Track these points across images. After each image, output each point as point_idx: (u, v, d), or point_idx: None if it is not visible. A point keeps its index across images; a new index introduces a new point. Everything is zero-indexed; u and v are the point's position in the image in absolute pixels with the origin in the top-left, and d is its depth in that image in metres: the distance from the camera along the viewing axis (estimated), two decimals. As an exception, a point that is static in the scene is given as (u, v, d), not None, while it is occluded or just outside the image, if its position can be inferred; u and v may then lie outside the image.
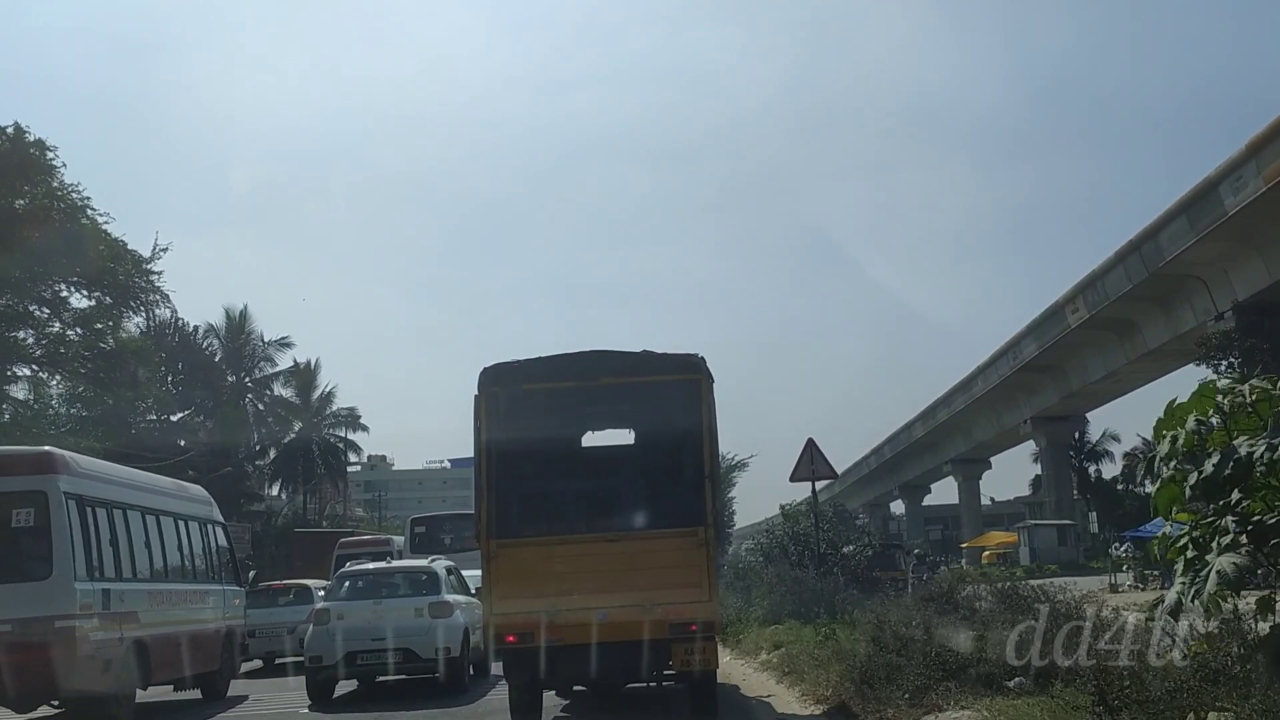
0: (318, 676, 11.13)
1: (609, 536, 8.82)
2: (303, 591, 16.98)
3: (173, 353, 39.46)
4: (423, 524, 23.22)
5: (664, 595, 8.42)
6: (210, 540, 12.86)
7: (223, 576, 13.14)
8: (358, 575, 12.54)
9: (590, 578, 8.50)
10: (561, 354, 9.19)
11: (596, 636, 8.20)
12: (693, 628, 8.41)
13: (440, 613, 11.45)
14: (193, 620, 11.81)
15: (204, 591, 12.47)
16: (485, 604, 8.69)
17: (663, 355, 9.17)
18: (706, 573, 8.61)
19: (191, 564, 12.21)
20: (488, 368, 9.00)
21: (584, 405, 9.82)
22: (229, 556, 13.58)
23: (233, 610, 13.24)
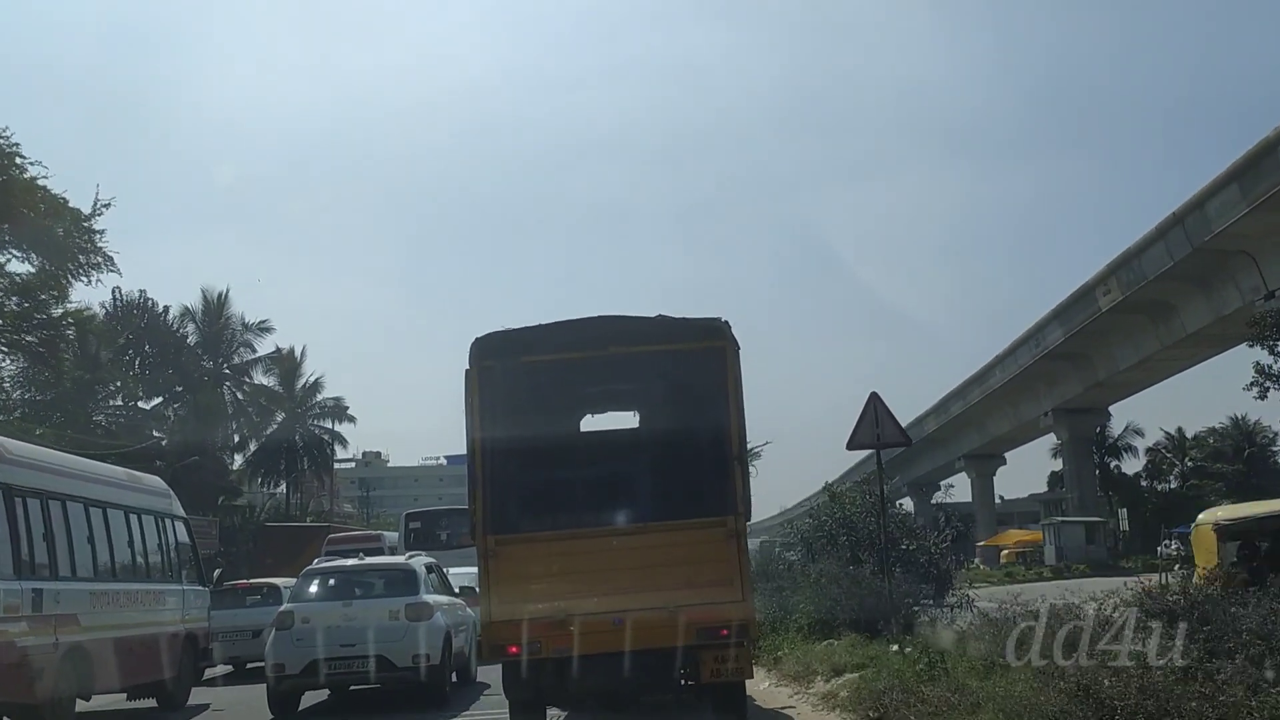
0: (280, 687, 10.45)
1: (624, 529, 7.98)
2: (273, 591, 16.40)
3: (140, 334, 38.24)
4: (418, 519, 22.82)
5: (690, 595, 7.56)
6: (168, 536, 12.21)
7: (182, 575, 12.48)
8: (326, 574, 11.73)
9: (604, 577, 7.65)
10: (566, 320, 8.22)
11: (613, 645, 7.42)
12: (724, 632, 7.55)
13: (418, 615, 10.69)
14: (145, 623, 11.08)
15: (159, 592, 11.73)
16: (483, 609, 7.80)
17: (682, 320, 8.19)
18: (739, 568, 7.75)
19: (145, 562, 11.51)
20: (480, 338, 8.06)
21: (592, 379, 8.91)
22: (190, 554, 12.96)
23: (194, 612, 12.57)
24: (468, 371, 8.02)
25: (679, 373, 8.57)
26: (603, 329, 8.18)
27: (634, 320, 8.24)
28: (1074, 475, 40.83)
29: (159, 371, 39.05)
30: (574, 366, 8.48)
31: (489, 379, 8.06)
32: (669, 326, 8.18)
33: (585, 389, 9.19)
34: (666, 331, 8.17)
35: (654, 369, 8.67)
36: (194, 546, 13.13)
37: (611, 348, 8.19)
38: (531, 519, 8.54)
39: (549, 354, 8.27)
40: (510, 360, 8.14)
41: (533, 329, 8.18)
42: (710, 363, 8.11)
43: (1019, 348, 37.48)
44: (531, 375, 8.44)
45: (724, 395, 7.98)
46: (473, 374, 7.99)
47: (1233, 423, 54.48)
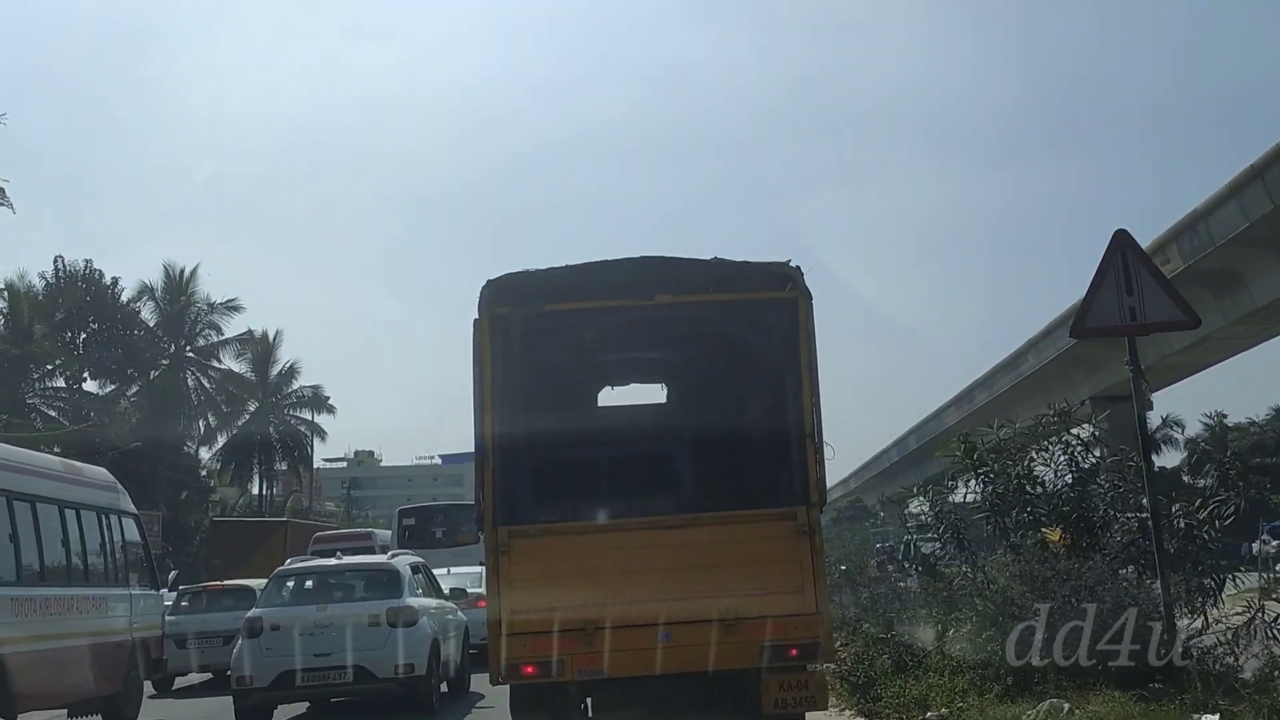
0: (248, 701, 10.07)
1: (670, 522, 6.85)
2: (246, 594, 15.80)
3: (84, 308, 36.16)
4: (412, 516, 22.68)
5: (750, 604, 6.49)
6: (113, 534, 11.65)
7: (130, 578, 11.98)
8: (300, 575, 11.25)
9: (644, 581, 6.55)
10: (600, 261, 6.97)
11: (654, 666, 6.47)
12: (793, 651, 6.48)
13: (401, 620, 10.19)
14: (83, 632, 10.48)
15: (101, 597, 11.13)
16: (491, 619, 6.63)
17: (745, 264, 6.99)
18: (812, 571, 6.63)
19: (84, 563, 11.03)
20: (494, 279, 6.84)
21: (630, 335, 7.77)
22: (141, 554, 12.57)
23: (145, 618, 12.14)
24: (477, 321, 6.83)
25: (740, 329, 7.48)
26: (646, 272, 6.98)
27: (685, 263, 7.01)
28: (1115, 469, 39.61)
29: (107, 351, 37.00)
30: (609, 319, 7.34)
31: (503, 331, 6.88)
32: (729, 271, 7.00)
33: (622, 347, 8.04)
34: (726, 277, 7.01)
35: (708, 323, 7.54)
36: (146, 546, 12.77)
37: (657, 296, 7.00)
38: (553, 507, 7.59)
39: (579, 301, 7.07)
40: (530, 308, 6.93)
41: (559, 270, 6.95)
42: (779, 317, 7.03)
43: (1056, 329, 36.04)
44: (556, 329, 7.29)
45: (794, 357, 6.90)
46: (483, 324, 6.80)
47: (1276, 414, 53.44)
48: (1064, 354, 35.95)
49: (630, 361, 8.44)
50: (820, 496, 6.80)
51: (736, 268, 7.02)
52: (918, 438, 60.17)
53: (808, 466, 6.76)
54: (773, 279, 7.04)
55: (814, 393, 6.86)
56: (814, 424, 6.85)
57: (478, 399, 6.80)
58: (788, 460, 7.06)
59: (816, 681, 6.68)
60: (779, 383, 7.24)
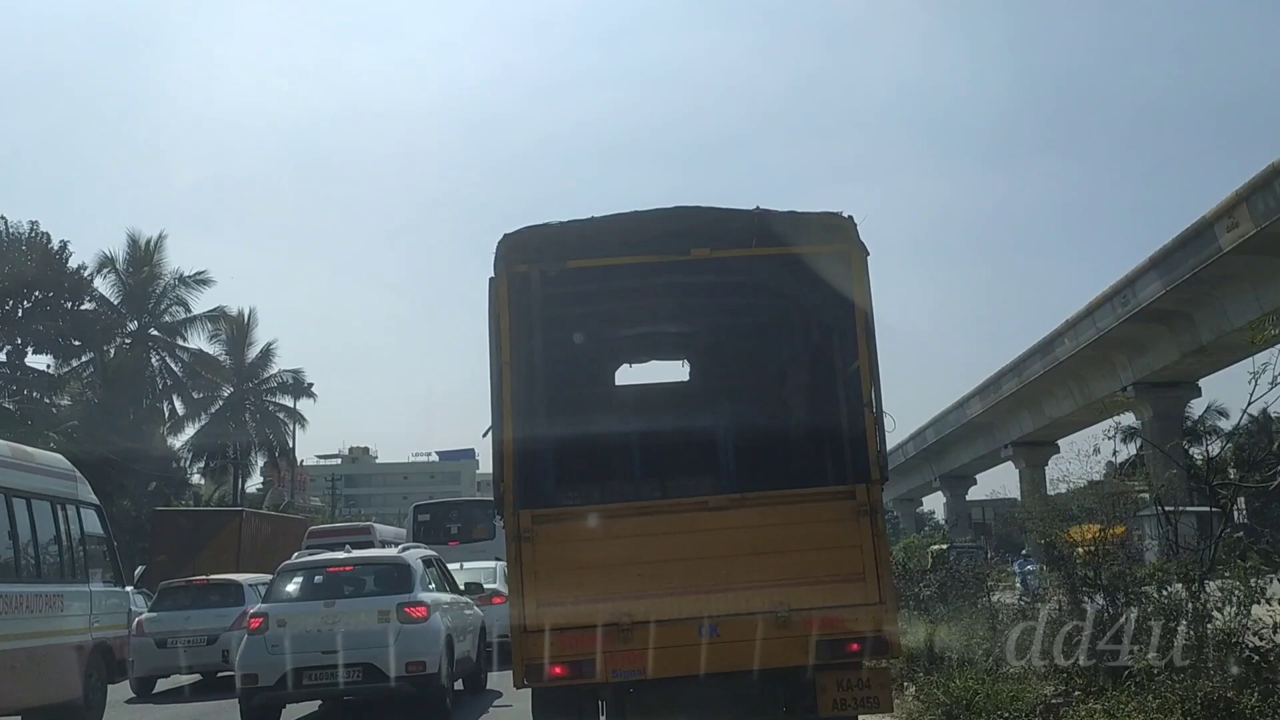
0: (253, 700, 10.18)
1: (714, 503, 6.47)
2: (233, 590, 15.66)
3: (22, 272, 34.51)
4: (427, 512, 23.06)
5: (805, 594, 6.19)
6: (70, 526, 11.27)
7: (89, 574, 11.60)
8: (307, 569, 11.39)
9: (685, 569, 6.25)
10: (628, 213, 6.64)
11: (700, 664, 6.17)
12: (854, 646, 6.19)
13: (413, 616, 10.27)
14: (33, 633, 10.07)
15: (56, 594, 10.73)
16: (514, 613, 6.32)
17: (791, 214, 6.65)
18: (874, 557, 6.30)
19: (35, 557, 10.50)
20: (511, 233, 6.50)
21: (663, 294, 7.45)
22: (104, 548, 12.22)
23: (107, 617, 11.76)
24: (493, 280, 6.48)
25: (786, 286, 7.17)
26: (681, 224, 6.64)
27: (724, 213, 6.68)
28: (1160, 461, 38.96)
29: (47, 321, 35.49)
30: (641, 275, 7.02)
31: (523, 290, 6.56)
32: (774, 222, 6.63)
33: (655, 307, 7.67)
34: (770, 229, 6.66)
35: (752, 279, 7.23)
36: (109, 539, 12.38)
37: (694, 251, 6.67)
38: (579, 489, 7.38)
39: (606, 257, 6.72)
40: (552, 265, 6.60)
41: (583, 223, 6.60)
42: (831, 272, 6.69)
43: (1098, 309, 35.42)
44: (581, 287, 7.01)
45: (848, 317, 6.58)
46: (499, 283, 6.44)
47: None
48: (1105, 336, 35.38)
49: (662, 323, 8.11)
50: (882, 473, 6.48)
51: (783, 219, 6.67)
52: (936, 431, 59.89)
53: (867, 439, 6.45)
54: (823, 231, 6.69)
55: (872, 356, 6.54)
56: (873, 391, 6.53)
57: (494, 366, 6.45)
58: (844, 433, 6.80)
59: (879, 680, 6.38)
60: (831, 346, 6.98)
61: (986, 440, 55.63)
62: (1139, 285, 32.05)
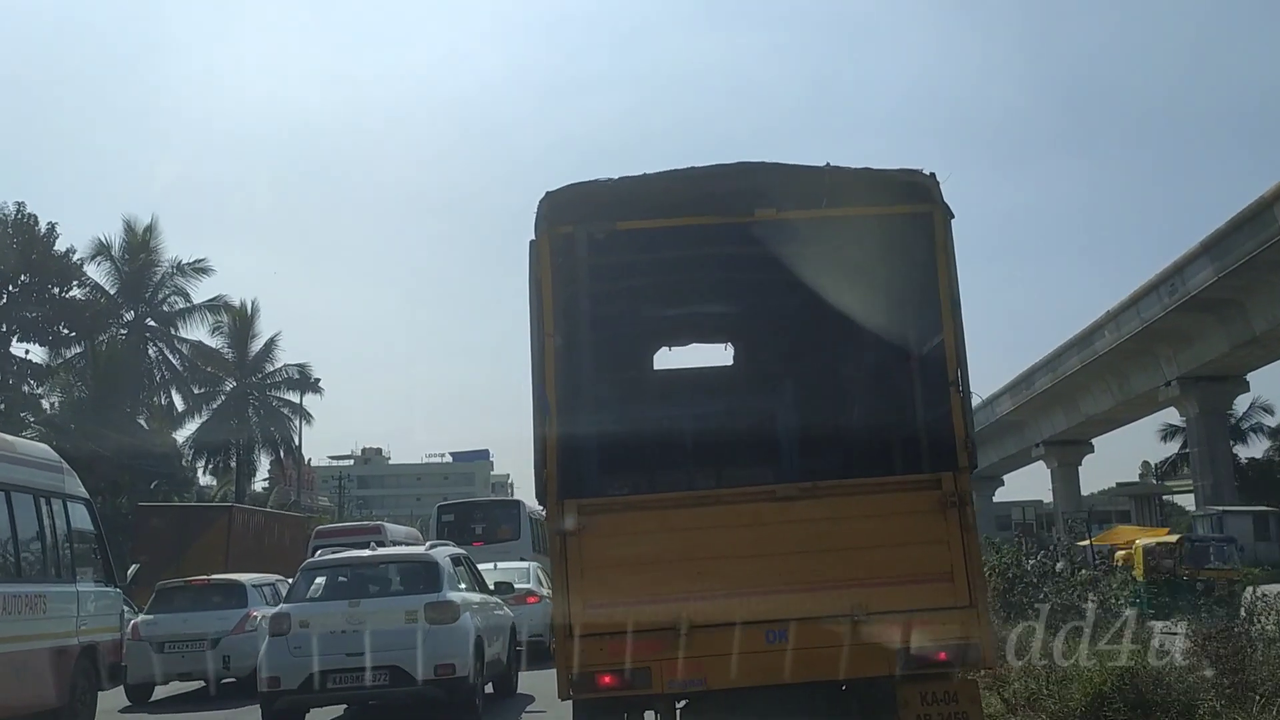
0: (275, 704, 10.19)
1: (780, 492, 6.03)
2: (235, 591, 15.26)
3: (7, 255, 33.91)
4: (451, 512, 23.13)
5: (885, 596, 5.76)
6: (55, 521, 10.91)
7: (77, 573, 11.26)
8: (330, 567, 11.33)
9: (749, 567, 5.84)
10: (683, 169, 6.18)
11: (764, 674, 5.72)
12: (941, 655, 5.71)
13: (441, 617, 10.21)
14: (11, 636, 9.70)
15: (37, 595, 10.36)
16: (558, 614, 5.89)
17: (865, 172, 6.19)
18: (963, 553, 5.85)
19: (14, 555, 10.15)
20: (554, 191, 6.08)
21: (725, 260, 7.00)
22: (94, 545, 11.92)
23: (96, 620, 11.46)
24: (534, 242, 6.08)
25: (860, 251, 6.72)
26: (743, 182, 6.19)
27: (792, 171, 6.21)
28: (1205, 459, 38.21)
29: (38, 311, 34.85)
30: (698, 238, 6.55)
31: (567, 253, 6.16)
32: (847, 181, 6.19)
33: (714, 274, 7.20)
34: (842, 189, 6.21)
35: (822, 244, 6.74)
36: (100, 536, 12.04)
37: (758, 212, 6.25)
38: (625, 477, 7.08)
39: (660, 219, 6.26)
40: (600, 226, 6.17)
41: (635, 180, 6.17)
42: (911, 236, 6.29)
43: (1143, 298, 34.79)
44: (631, 251, 6.56)
45: (930, 285, 6.15)
46: (542, 245, 6.04)
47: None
48: (1149, 327, 34.80)
49: (717, 297, 7.66)
50: (970, 459, 5.99)
51: (857, 176, 6.20)
52: (965, 428, 59.23)
53: (953, 421, 5.97)
54: (902, 190, 6.23)
55: (957, 330, 6.07)
56: (959, 368, 6.06)
57: (535, 338, 6.03)
58: (919, 416, 6.41)
59: (968, 694, 5.90)
60: (910, 318, 6.58)
61: (1017, 439, 55.39)
62: (1188, 272, 31.39)
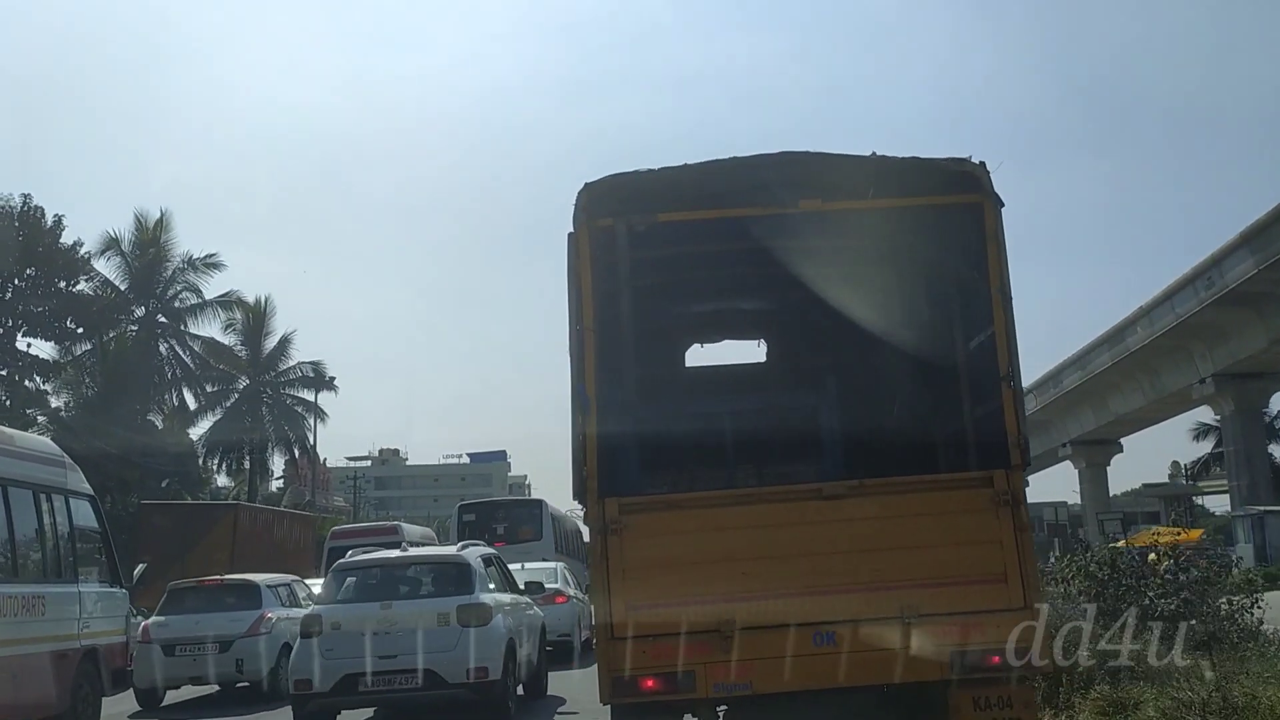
0: (307, 707, 10.29)
1: (827, 490, 6.01)
2: (250, 591, 14.96)
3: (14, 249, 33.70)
4: (472, 511, 23.25)
5: (937, 597, 5.76)
6: (56, 518, 10.65)
7: (80, 572, 11.02)
8: (360, 569, 11.32)
9: (795, 567, 5.84)
10: (725, 160, 6.22)
11: (812, 678, 5.75)
12: (994, 659, 5.69)
13: (474, 618, 10.27)
14: (9, 640, 9.43)
15: (36, 596, 10.08)
16: (600, 615, 5.93)
17: (912, 161, 6.20)
18: (1017, 554, 5.84)
19: (10, 553, 9.90)
20: (594, 182, 6.13)
21: (767, 253, 6.93)
22: (98, 543, 11.67)
23: (100, 622, 11.15)
24: (572, 235, 6.12)
25: (908, 242, 6.78)
26: (787, 173, 6.22)
27: (837, 160, 6.22)
28: (1241, 458, 37.88)
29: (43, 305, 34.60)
30: (740, 230, 6.55)
31: (606, 246, 6.20)
32: (894, 170, 6.20)
33: (756, 266, 7.19)
34: (889, 178, 6.24)
35: (867, 237, 6.80)
36: (105, 534, 11.76)
37: (803, 203, 6.27)
38: (664, 475, 7.11)
39: (701, 210, 6.29)
40: (641, 218, 6.22)
41: (676, 170, 6.18)
42: (961, 226, 6.27)
43: (1178, 292, 34.44)
44: (672, 243, 6.60)
45: (980, 277, 6.14)
46: (580, 239, 6.07)
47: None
48: (1184, 323, 34.47)
49: (757, 291, 7.70)
50: (1023, 457, 6.00)
51: (904, 166, 6.22)
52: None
53: (1005, 418, 5.96)
54: (951, 180, 6.22)
55: (1009, 323, 6.07)
56: (1011, 362, 6.04)
57: (574, 332, 6.07)
58: (975, 411, 6.39)
59: (1024, 699, 5.88)
60: (959, 311, 6.58)
61: (1043, 439, 55.18)
62: (1226, 265, 31.07)
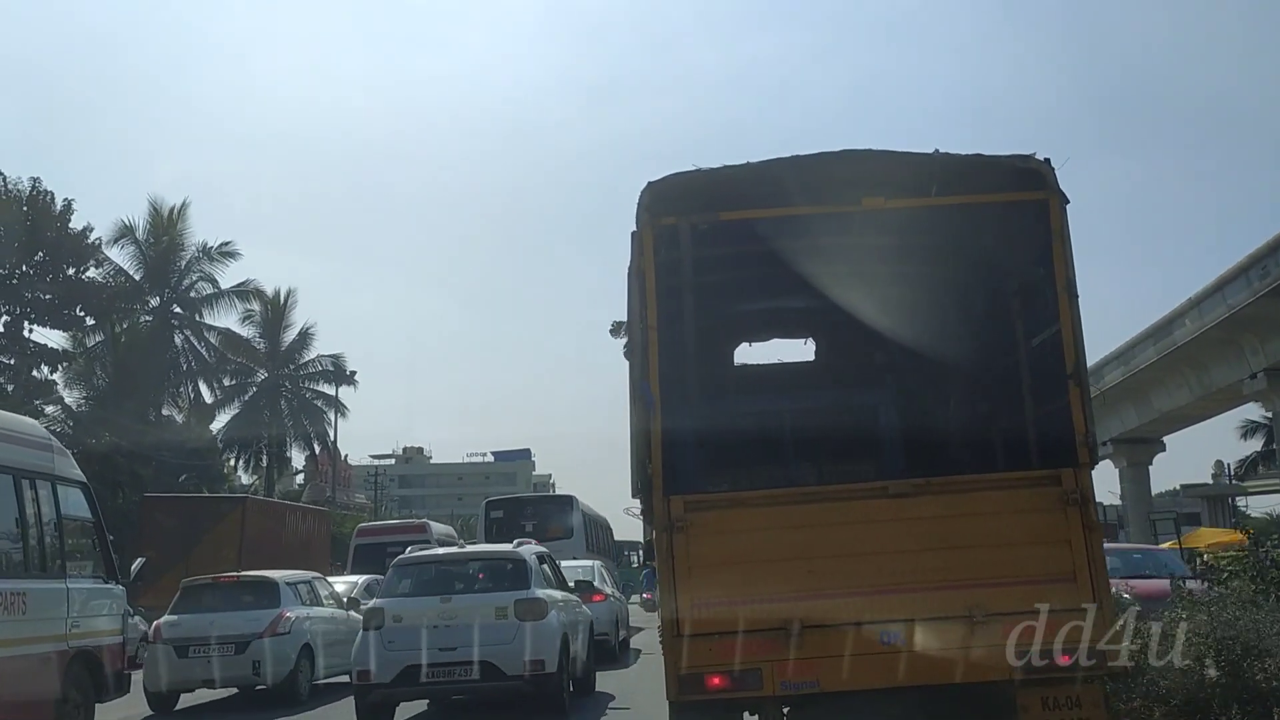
0: (369, 698, 10.74)
1: (893, 489, 6.18)
2: (268, 589, 14.46)
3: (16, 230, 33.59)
4: (500, 508, 23.68)
5: (1004, 596, 5.90)
6: (41, 507, 9.82)
7: (68, 566, 10.25)
8: (420, 564, 11.85)
9: (861, 566, 6.00)
10: (787, 158, 6.41)
11: (879, 677, 5.90)
12: (1064, 659, 5.84)
13: (531, 613, 10.77)
14: None
15: (17, 592, 9.31)
16: (667, 615, 6.09)
17: (976, 159, 6.37)
18: (1085, 553, 6.00)
19: None
20: (657, 182, 6.37)
21: (827, 251, 7.10)
22: (92, 534, 11.00)
23: (93, 620, 10.40)
24: (635, 235, 6.35)
25: (972, 240, 6.92)
26: (849, 171, 6.39)
27: (900, 158, 6.39)
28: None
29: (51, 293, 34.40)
30: (801, 230, 6.77)
31: (670, 245, 6.43)
32: (957, 167, 6.37)
33: (819, 264, 7.28)
34: (953, 176, 6.42)
35: (930, 235, 6.96)
36: (99, 525, 11.03)
37: (865, 201, 6.46)
38: (724, 473, 7.30)
39: (763, 209, 6.52)
40: (703, 216, 6.45)
41: (738, 169, 6.39)
42: (1026, 224, 6.42)
43: (1230, 282, 33.81)
44: (733, 243, 6.81)
45: (1046, 275, 6.29)
46: (644, 238, 6.30)
47: None
48: (1236, 314, 33.93)
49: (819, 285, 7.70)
50: (1091, 455, 6.15)
51: (967, 163, 6.38)
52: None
53: (1073, 415, 6.10)
54: (1016, 177, 6.38)
55: (1075, 320, 6.22)
56: (1078, 360, 6.20)
57: (638, 331, 6.31)
58: (1038, 409, 6.54)
59: (1092, 698, 6.01)
60: (1021, 309, 6.73)
61: (1084, 436, 54.95)
62: (1281, 254, 30.69)
